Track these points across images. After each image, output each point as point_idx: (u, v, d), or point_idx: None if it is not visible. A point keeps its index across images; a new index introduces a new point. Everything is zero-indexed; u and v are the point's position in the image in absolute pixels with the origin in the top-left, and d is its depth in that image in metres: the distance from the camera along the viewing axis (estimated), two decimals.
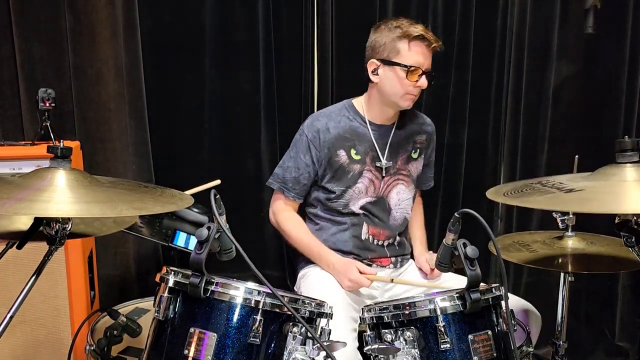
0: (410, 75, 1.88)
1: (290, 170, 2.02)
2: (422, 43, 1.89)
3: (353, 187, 1.99)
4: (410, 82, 1.89)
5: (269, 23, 2.44)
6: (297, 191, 2.03)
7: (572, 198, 1.36)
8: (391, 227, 2.05)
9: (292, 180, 2.02)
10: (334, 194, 2.00)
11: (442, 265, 1.45)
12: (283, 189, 2.04)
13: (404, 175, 2.06)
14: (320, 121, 2.00)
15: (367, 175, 2.00)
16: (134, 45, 2.31)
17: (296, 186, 2.02)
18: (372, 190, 2.01)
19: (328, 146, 1.97)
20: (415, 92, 1.92)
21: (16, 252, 1.40)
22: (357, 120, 2.01)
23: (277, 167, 2.08)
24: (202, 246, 1.26)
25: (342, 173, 1.98)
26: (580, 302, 2.83)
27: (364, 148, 1.99)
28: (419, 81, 1.89)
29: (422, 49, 1.89)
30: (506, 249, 2.04)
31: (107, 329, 1.62)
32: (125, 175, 2.36)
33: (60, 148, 1.31)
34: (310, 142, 1.98)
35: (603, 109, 2.79)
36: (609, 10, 2.62)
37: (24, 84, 2.25)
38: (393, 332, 1.35)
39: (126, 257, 2.43)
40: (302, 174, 2.01)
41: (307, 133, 1.99)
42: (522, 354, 1.73)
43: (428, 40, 1.89)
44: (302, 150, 2.00)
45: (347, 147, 1.98)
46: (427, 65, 1.91)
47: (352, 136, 1.99)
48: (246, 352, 1.25)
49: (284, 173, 2.03)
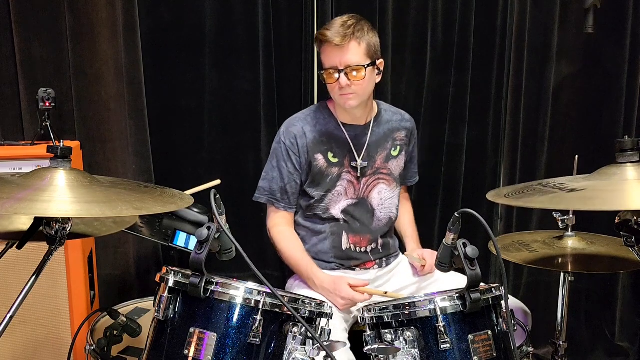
0: (327, 78, 1.87)
1: (275, 180, 1.96)
2: (326, 44, 1.85)
3: (332, 191, 1.96)
4: (332, 84, 1.87)
5: (269, 23, 2.44)
6: (287, 201, 1.97)
7: (574, 197, 1.36)
8: (373, 231, 2.01)
9: (280, 190, 1.96)
10: (313, 199, 1.96)
11: (442, 265, 1.45)
12: (272, 200, 1.97)
13: (384, 174, 2.02)
14: (296, 126, 1.96)
15: (346, 177, 1.96)
16: (134, 45, 2.31)
17: (285, 196, 1.96)
18: (351, 192, 1.97)
19: (307, 150, 1.94)
20: (342, 91, 1.86)
21: (16, 252, 1.40)
22: (332, 123, 1.98)
23: (260, 180, 2.00)
24: (202, 246, 1.27)
25: (321, 177, 1.95)
26: (580, 302, 2.83)
27: (341, 150, 1.96)
28: (339, 80, 1.84)
29: (330, 48, 1.85)
30: (506, 249, 2.04)
31: (107, 329, 1.62)
32: (125, 175, 2.36)
33: (60, 148, 1.31)
34: (289, 149, 1.93)
35: (603, 109, 2.79)
36: (609, 10, 2.62)
37: (24, 84, 2.25)
38: (393, 332, 1.35)
39: (126, 257, 2.43)
40: (289, 183, 1.95)
41: (285, 140, 1.94)
42: (522, 354, 1.73)
43: (330, 40, 1.83)
44: (282, 158, 1.95)
45: (324, 150, 1.95)
46: (342, 62, 1.83)
47: (329, 139, 1.96)
48: (246, 352, 1.25)
49: (270, 185, 1.97)
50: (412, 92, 2.64)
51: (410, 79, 2.63)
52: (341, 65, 1.83)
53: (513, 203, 1.48)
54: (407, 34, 2.59)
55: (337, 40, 1.81)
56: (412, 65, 2.62)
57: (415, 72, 2.62)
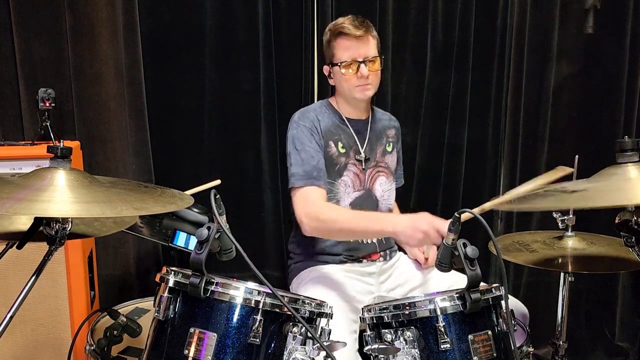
0: (346, 70, 1.93)
1: (307, 161, 1.92)
2: (346, 37, 1.93)
3: (339, 180, 1.99)
4: (350, 75, 1.93)
5: (269, 23, 2.44)
6: (324, 177, 1.94)
7: (577, 197, 1.36)
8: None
9: (315, 169, 1.91)
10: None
11: (442, 265, 1.45)
12: (312, 180, 1.90)
13: (382, 167, 2.09)
14: (310, 113, 2.01)
15: (352, 169, 2.02)
16: (134, 45, 2.31)
17: (320, 173, 1.92)
18: (358, 184, 2.02)
19: (323, 134, 1.98)
20: (361, 81, 1.94)
21: (16, 252, 1.40)
22: (336, 117, 2.04)
23: (292, 168, 1.94)
24: (202, 246, 1.26)
25: (330, 165, 1.99)
26: (580, 302, 2.83)
27: (348, 142, 2.02)
28: (359, 71, 1.92)
29: (348, 42, 1.93)
30: (506, 249, 2.04)
31: (107, 329, 1.62)
32: (125, 175, 2.36)
33: (60, 148, 1.31)
34: (311, 130, 1.96)
35: (603, 109, 2.80)
36: (609, 10, 2.63)
37: (24, 84, 2.25)
38: (393, 332, 1.35)
39: (126, 257, 2.43)
40: (319, 160, 1.93)
41: (304, 123, 1.97)
42: (522, 354, 1.73)
43: (351, 32, 1.92)
44: (306, 139, 1.94)
45: (335, 139, 2.00)
46: (362, 54, 1.93)
47: (337, 130, 2.02)
48: (246, 352, 1.25)
49: (303, 167, 1.91)
50: (412, 92, 2.64)
51: (410, 79, 2.63)
52: (360, 57, 1.93)
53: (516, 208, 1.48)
54: (407, 34, 2.59)
55: (359, 32, 1.92)
56: (412, 65, 2.62)
57: (415, 72, 2.62)
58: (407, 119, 2.64)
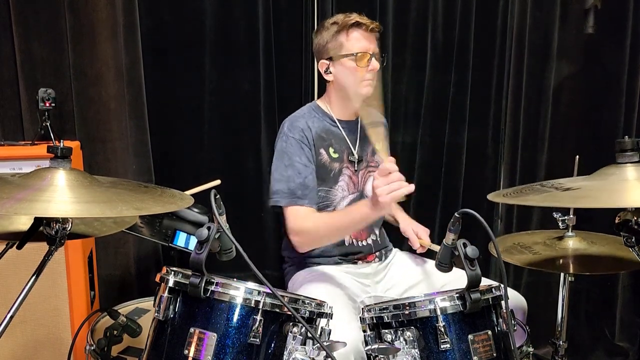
0: (359, 62, 1.90)
1: (292, 178, 1.88)
2: (359, 29, 1.92)
3: (335, 187, 1.99)
4: (361, 68, 1.90)
5: (269, 23, 2.44)
6: (310, 196, 1.89)
7: (572, 195, 1.36)
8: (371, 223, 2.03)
9: (300, 187, 1.88)
10: (320, 196, 1.97)
11: (442, 265, 1.45)
12: (294, 200, 1.87)
13: (373, 167, 2.08)
14: (299, 121, 1.97)
15: (346, 172, 2.01)
16: (134, 45, 2.31)
17: (305, 191, 1.88)
18: (352, 187, 2.02)
19: (314, 144, 1.96)
20: (369, 76, 1.92)
21: (16, 252, 1.39)
22: (327, 120, 2.02)
23: (275, 184, 1.91)
24: (202, 246, 1.26)
25: (325, 173, 1.97)
26: (580, 302, 2.83)
27: (340, 146, 2.01)
28: (370, 64, 1.90)
29: (362, 34, 1.92)
30: (507, 251, 2.02)
31: (107, 329, 1.62)
32: (125, 175, 2.36)
33: (60, 148, 1.31)
34: (300, 142, 1.92)
35: (603, 109, 2.79)
36: (609, 10, 2.63)
37: (24, 84, 2.24)
38: (393, 332, 1.35)
39: (126, 257, 2.43)
40: (306, 176, 1.89)
41: (293, 135, 1.93)
42: (522, 354, 1.73)
43: (365, 25, 1.91)
44: (295, 153, 1.91)
45: (326, 146, 1.98)
46: (372, 48, 1.93)
47: (328, 135, 1.99)
48: (246, 352, 1.25)
49: (288, 185, 1.88)
50: (412, 92, 2.64)
51: (410, 79, 2.63)
52: (370, 50, 1.91)
53: (510, 201, 1.48)
54: (407, 34, 2.59)
55: (373, 25, 1.92)
56: (412, 65, 2.62)
57: (415, 72, 2.62)
58: (407, 119, 2.64)
